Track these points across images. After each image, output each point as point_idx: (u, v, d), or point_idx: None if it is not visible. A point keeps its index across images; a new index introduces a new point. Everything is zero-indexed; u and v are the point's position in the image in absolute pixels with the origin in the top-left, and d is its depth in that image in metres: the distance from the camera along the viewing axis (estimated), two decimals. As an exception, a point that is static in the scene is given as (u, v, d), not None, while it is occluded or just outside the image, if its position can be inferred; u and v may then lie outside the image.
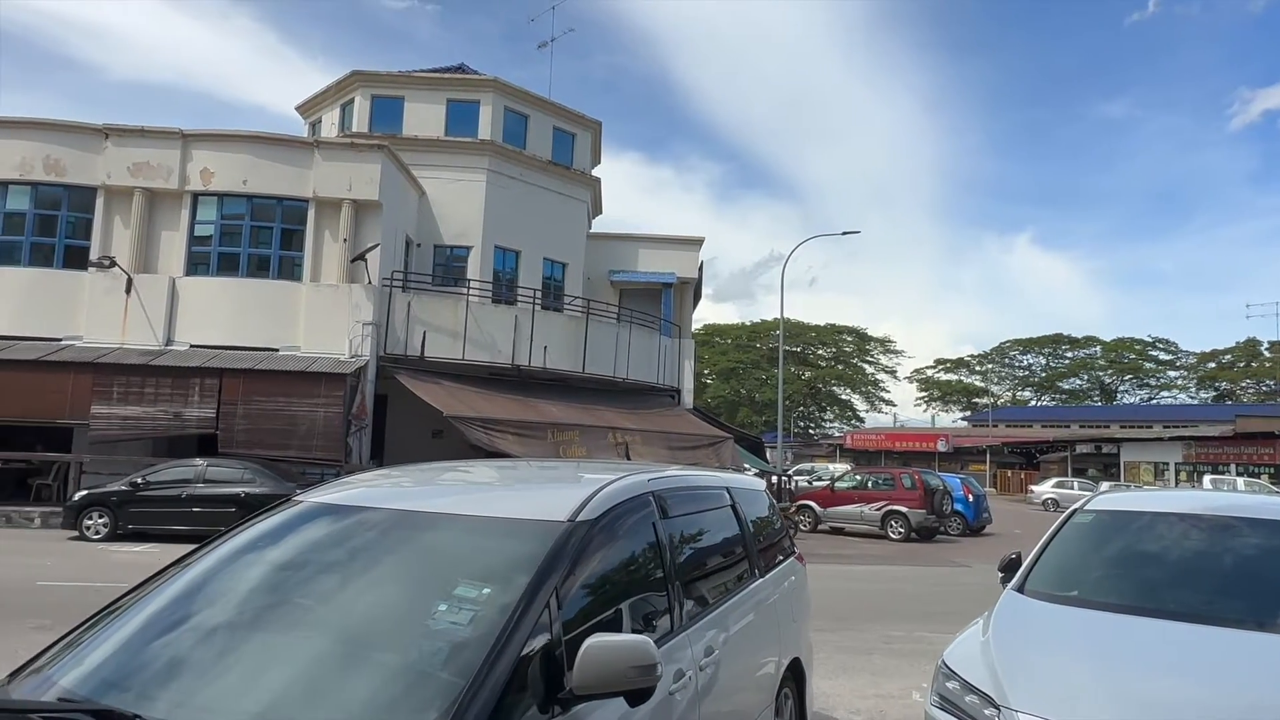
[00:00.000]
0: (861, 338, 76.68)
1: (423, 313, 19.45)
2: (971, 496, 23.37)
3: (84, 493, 14.82)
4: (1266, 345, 75.43)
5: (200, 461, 15.17)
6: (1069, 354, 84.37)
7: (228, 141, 18.79)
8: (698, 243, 27.08)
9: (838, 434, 72.81)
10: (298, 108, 25.57)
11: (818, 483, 27.49)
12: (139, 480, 14.62)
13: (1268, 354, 75.43)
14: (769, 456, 31.74)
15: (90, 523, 14.35)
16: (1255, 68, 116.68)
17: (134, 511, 14.38)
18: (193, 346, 18.10)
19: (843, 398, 77.62)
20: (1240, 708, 3.09)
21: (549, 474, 3.79)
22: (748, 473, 14.26)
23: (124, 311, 18.14)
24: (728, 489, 4.10)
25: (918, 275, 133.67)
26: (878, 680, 6.71)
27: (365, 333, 18.53)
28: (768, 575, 4.17)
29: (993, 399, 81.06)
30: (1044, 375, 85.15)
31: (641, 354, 23.30)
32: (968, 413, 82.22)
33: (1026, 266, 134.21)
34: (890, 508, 20.60)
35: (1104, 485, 30.62)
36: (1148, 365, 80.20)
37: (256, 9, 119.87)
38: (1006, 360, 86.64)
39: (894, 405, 79.27)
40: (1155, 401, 78.86)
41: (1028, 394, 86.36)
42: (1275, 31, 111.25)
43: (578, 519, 2.50)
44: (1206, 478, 36.28)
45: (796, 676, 4.35)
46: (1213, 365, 78.19)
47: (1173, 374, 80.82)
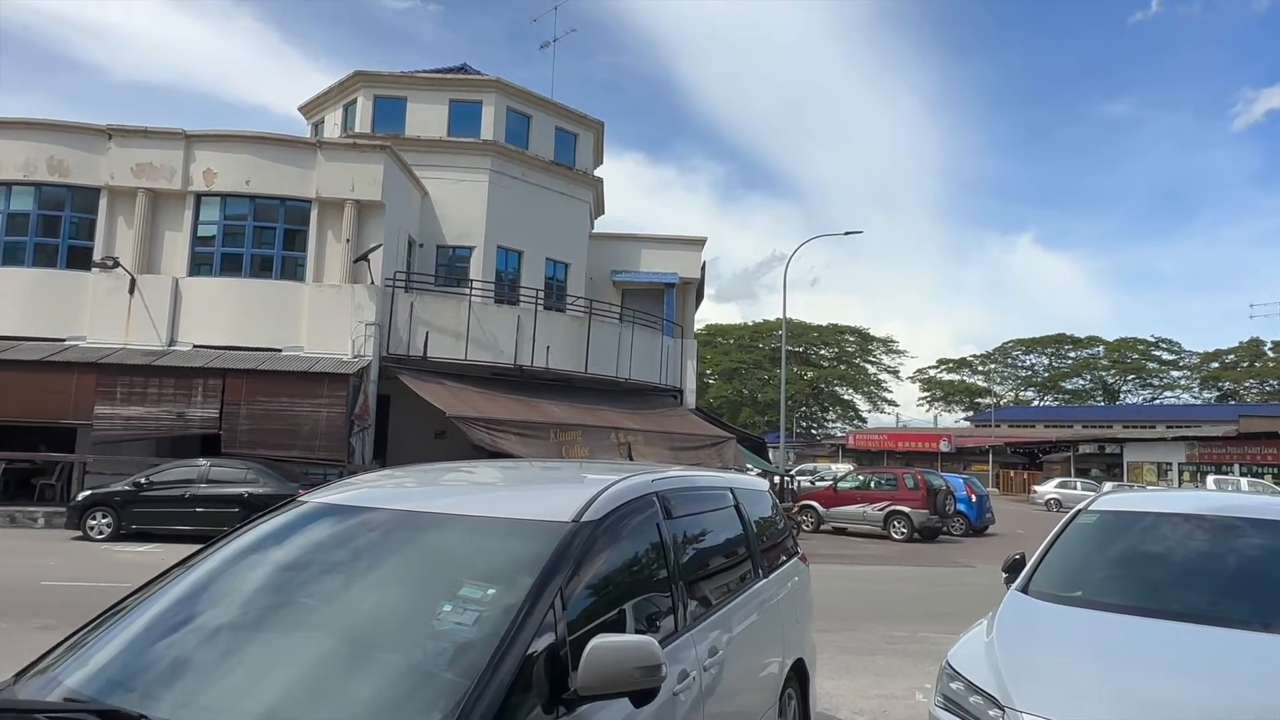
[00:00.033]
0: (864, 338, 76.65)
1: (425, 313, 19.46)
2: (974, 497, 23.34)
3: (87, 493, 14.87)
4: (1270, 345, 75.42)
5: (203, 462, 15.21)
6: (1072, 354, 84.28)
7: (230, 142, 18.82)
8: (700, 243, 27.09)
9: (840, 434, 72.75)
10: (300, 108, 25.60)
11: (820, 483, 27.47)
12: (142, 480, 14.65)
13: (1271, 354, 75.34)
14: (771, 457, 31.76)
15: (94, 523, 14.39)
16: (1259, 67, 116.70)
17: (137, 511, 14.41)
18: (196, 347, 18.13)
19: (845, 398, 77.60)
20: (1245, 709, 3.08)
21: (552, 474, 3.78)
22: (750, 473, 14.27)
23: (127, 312, 18.18)
24: (731, 489, 4.09)
25: (920, 275, 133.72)
26: (881, 680, 6.71)
27: (368, 333, 18.55)
28: (771, 576, 4.17)
29: (995, 399, 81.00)
30: (1047, 375, 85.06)
31: (644, 354, 23.30)
32: (970, 413, 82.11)
33: (1029, 266, 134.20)
34: (893, 508, 20.57)
35: (1107, 485, 30.57)
36: (1151, 365, 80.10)
37: (258, 9, 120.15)
38: (1009, 360, 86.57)
39: (896, 405, 79.23)
40: (1158, 402, 78.79)
41: (1030, 394, 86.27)
42: (1278, 31, 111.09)
43: (582, 519, 2.50)
44: (1210, 478, 36.18)
45: (800, 677, 4.35)
46: (1216, 365, 78.07)
47: (1176, 374, 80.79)
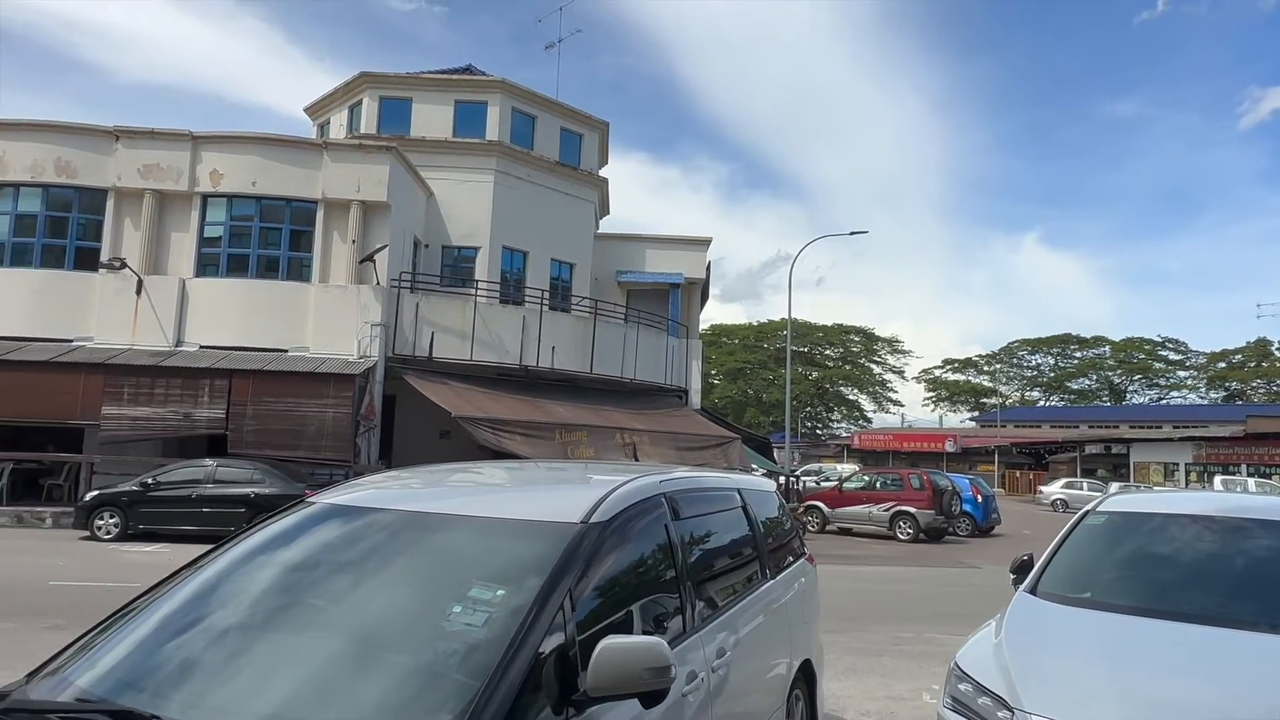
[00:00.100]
0: (869, 338, 76.52)
1: (431, 313, 19.50)
2: (980, 497, 23.29)
3: (95, 493, 14.92)
4: (1277, 345, 75.01)
5: (210, 462, 15.26)
6: (1077, 354, 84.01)
7: (237, 143, 18.89)
8: (705, 243, 27.08)
9: (845, 434, 72.60)
10: (306, 109, 25.67)
11: (825, 483, 27.46)
12: (149, 480, 14.71)
13: (1278, 354, 75.00)
14: (776, 457, 31.72)
15: (101, 523, 14.44)
16: (1265, 66, 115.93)
17: (144, 512, 14.47)
18: (202, 347, 18.18)
19: (850, 398, 77.45)
20: (1253, 710, 3.07)
21: (560, 475, 3.78)
22: (755, 473, 14.25)
23: (134, 313, 18.25)
24: (738, 490, 4.09)
25: (925, 275, 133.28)
26: (888, 681, 6.69)
27: (374, 333, 18.59)
28: (778, 576, 4.17)
29: (1001, 399, 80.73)
30: (1052, 375, 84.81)
31: (649, 354, 23.30)
32: (976, 413, 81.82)
33: (1034, 266, 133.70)
34: (899, 508, 20.52)
35: (1113, 486, 30.44)
36: (1157, 365, 79.81)
37: (263, 10, 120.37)
38: (1015, 360, 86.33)
39: (901, 405, 78.89)
40: (1165, 402, 78.48)
41: (1036, 394, 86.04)
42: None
43: (591, 521, 2.50)
44: (1217, 478, 36.05)
45: (807, 678, 4.34)
46: (1223, 365, 77.74)
47: (1182, 374, 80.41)
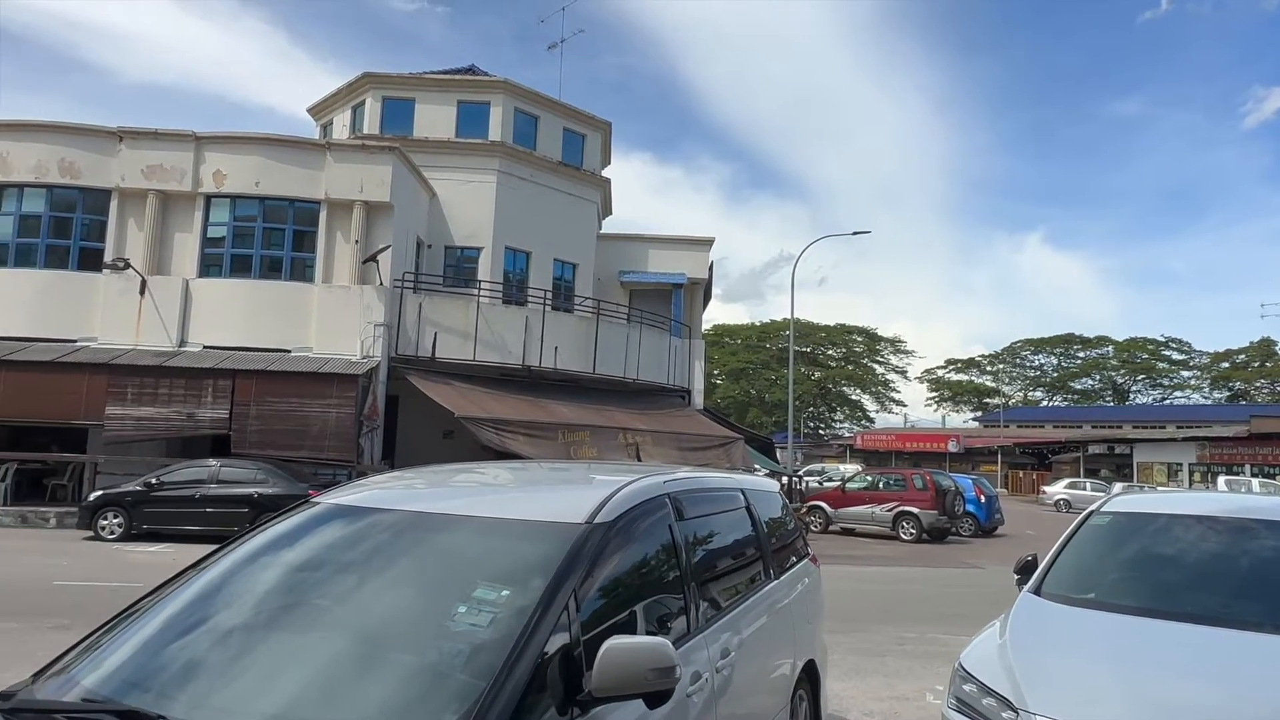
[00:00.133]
0: (872, 338, 76.40)
1: (434, 314, 19.51)
2: (983, 497, 23.24)
3: (99, 493, 14.94)
4: (1281, 345, 74.83)
5: (213, 462, 15.28)
6: (1081, 354, 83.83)
7: (240, 144, 18.91)
8: (707, 243, 27.09)
9: (848, 434, 72.56)
10: (309, 109, 25.71)
11: (828, 483, 27.44)
12: (153, 480, 14.73)
13: (1282, 354, 74.82)
14: (779, 457, 31.72)
15: (105, 523, 14.47)
16: (1269, 65, 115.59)
17: (148, 512, 14.49)
18: (206, 348, 18.21)
19: (853, 398, 77.34)
20: (1258, 711, 3.07)
21: (564, 476, 3.78)
22: (758, 473, 14.24)
23: (138, 313, 18.28)
24: (742, 490, 4.09)
25: (928, 275, 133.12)
26: (891, 682, 6.69)
27: (377, 334, 18.61)
28: (782, 577, 4.17)
29: (1004, 399, 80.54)
30: (1056, 375, 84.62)
31: (652, 354, 23.30)
32: (979, 413, 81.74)
33: (1037, 266, 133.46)
34: (902, 509, 20.49)
35: (1117, 486, 30.38)
36: (1161, 365, 79.62)
37: (266, 11, 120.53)
38: (1018, 360, 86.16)
39: (904, 406, 78.68)
40: (1168, 402, 78.29)
41: (1039, 394, 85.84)
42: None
43: (595, 521, 2.50)
44: (1221, 479, 35.95)
45: (811, 678, 4.34)
46: (1226, 365, 77.53)
47: (1186, 374, 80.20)
